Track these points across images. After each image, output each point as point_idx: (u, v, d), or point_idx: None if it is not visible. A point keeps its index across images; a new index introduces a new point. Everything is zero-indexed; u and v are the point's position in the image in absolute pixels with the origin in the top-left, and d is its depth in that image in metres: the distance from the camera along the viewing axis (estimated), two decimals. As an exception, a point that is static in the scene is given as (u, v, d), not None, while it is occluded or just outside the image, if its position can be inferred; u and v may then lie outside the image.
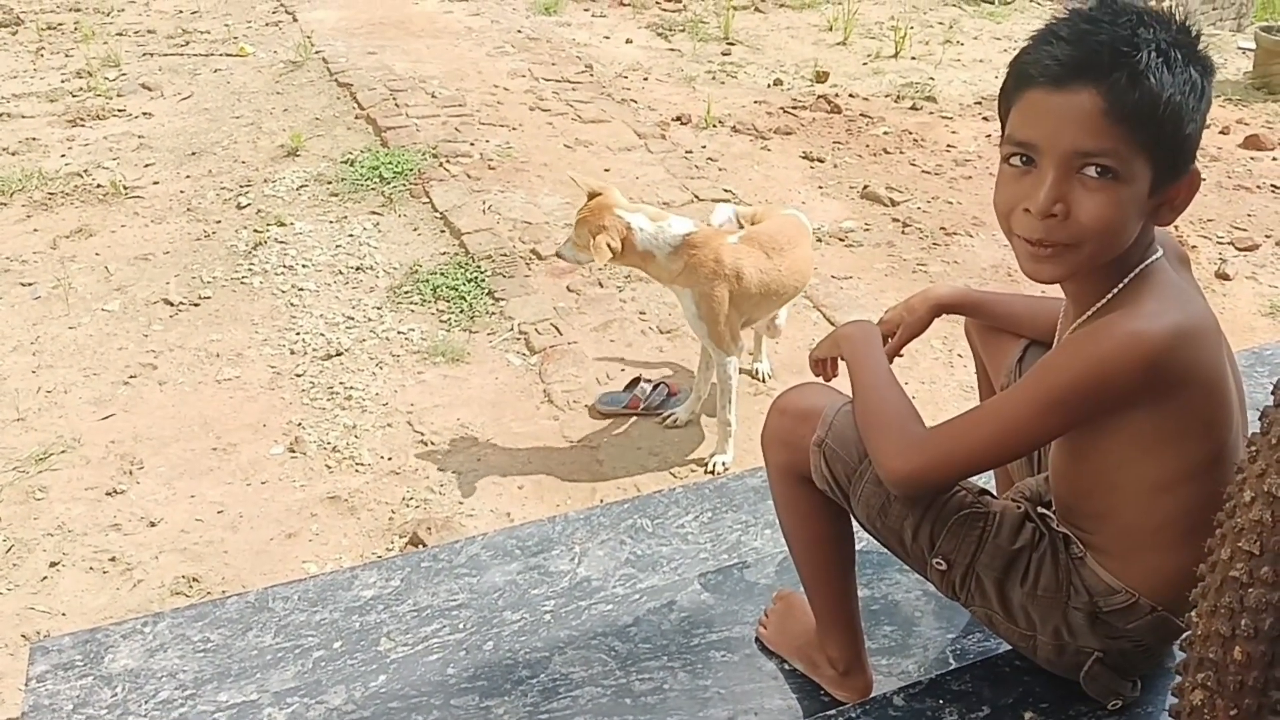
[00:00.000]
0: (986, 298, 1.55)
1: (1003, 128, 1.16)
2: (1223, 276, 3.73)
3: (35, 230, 3.81)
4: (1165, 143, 1.08)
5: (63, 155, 4.39)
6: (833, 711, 1.36)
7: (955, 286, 1.57)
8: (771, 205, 3.41)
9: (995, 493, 1.51)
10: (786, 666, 1.52)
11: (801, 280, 2.87)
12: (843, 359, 1.43)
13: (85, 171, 4.23)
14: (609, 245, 2.61)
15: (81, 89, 5.03)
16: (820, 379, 1.55)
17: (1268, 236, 4.05)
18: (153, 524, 2.49)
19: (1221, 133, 4.99)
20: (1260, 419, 0.93)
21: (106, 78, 5.15)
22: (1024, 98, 1.11)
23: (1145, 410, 1.12)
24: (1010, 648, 1.38)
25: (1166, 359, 1.08)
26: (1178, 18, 1.12)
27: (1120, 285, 1.14)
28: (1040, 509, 1.31)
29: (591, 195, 2.72)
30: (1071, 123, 1.07)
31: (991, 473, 1.69)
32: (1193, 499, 1.14)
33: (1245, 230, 4.08)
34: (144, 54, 5.53)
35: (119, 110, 4.81)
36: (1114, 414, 1.13)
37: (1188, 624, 1.01)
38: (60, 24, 5.95)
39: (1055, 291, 1.30)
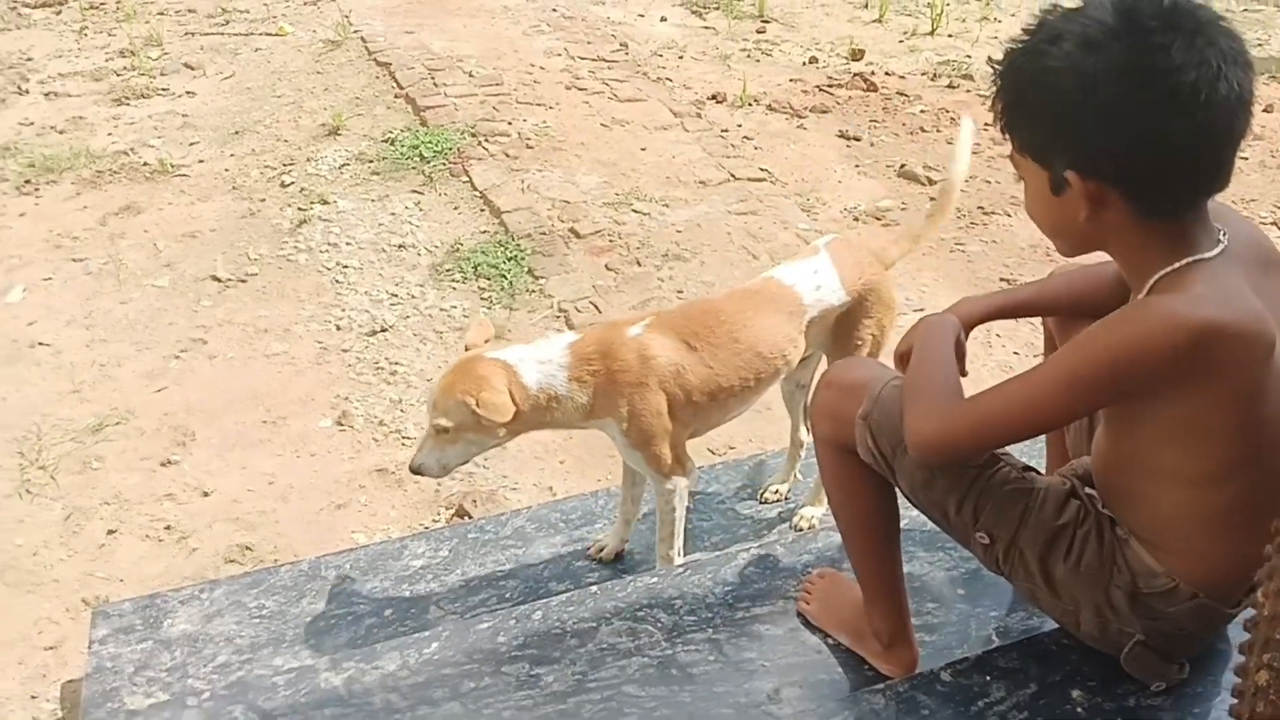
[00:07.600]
0: (1010, 299, 1.48)
1: None
2: (1267, 258, 3.68)
3: (85, 207, 3.88)
4: (1035, 152, 1.16)
5: (109, 134, 4.46)
6: (880, 685, 1.38)
7: (978, 303, 1.46)
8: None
9: (1043, 470, 1.51)
10: (830, 641, 1.53)
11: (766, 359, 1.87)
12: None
13: (132, 149, 4.29)
14: (500, 402, 1.71)
15: (125, 68, 5.10)
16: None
17: (1313, 217, 3.99)
18: (206, 494, 2.55)
19: (1265, 110, 4.89)
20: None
21: (149, 57, 5.21)
22: None
23: (1172, 401, 1.11)
24: (1056, 626, 1.39)
25: (1194, 349, 1.06)
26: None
27: (1159, 275, 1.12)
28: (1089, 489, 1.32)
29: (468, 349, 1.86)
30: None
31: (1043, 451, 1.68)
32: (1232, 497, 1.14)
33: (1290, 210, 4.02)
34: (185, 33, 5.58)
35: (162, 89, 4.87)
36: (1141, 398, 1.13)
37: (1238, 610, 1.00)
38: (102, 4, 6.01)
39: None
